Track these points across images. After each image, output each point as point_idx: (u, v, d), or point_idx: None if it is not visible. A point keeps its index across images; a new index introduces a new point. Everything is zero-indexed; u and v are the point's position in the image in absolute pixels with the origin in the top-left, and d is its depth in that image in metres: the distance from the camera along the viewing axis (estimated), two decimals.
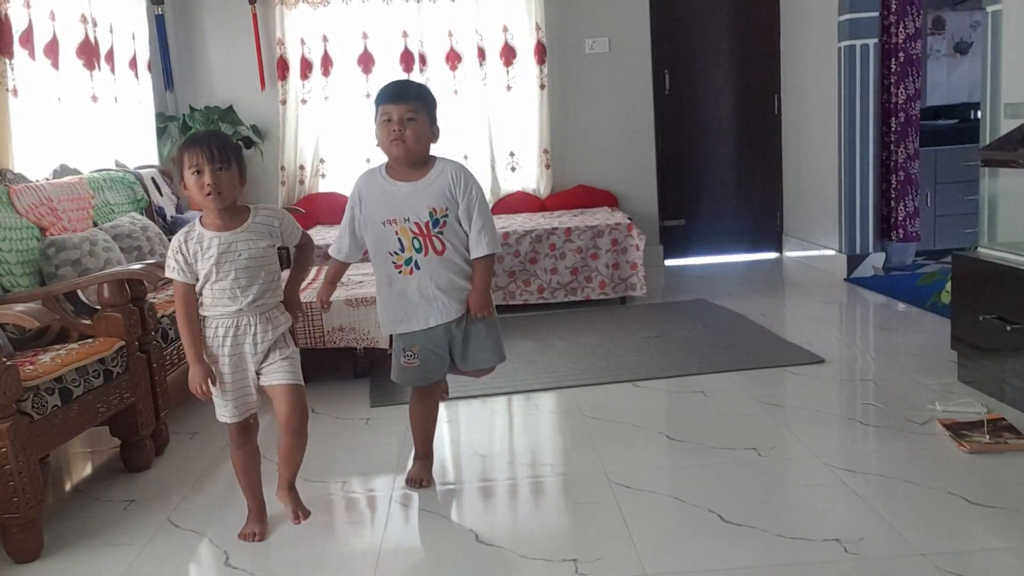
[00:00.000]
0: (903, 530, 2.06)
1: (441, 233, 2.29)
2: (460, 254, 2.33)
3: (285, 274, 2.32)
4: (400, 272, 2.32)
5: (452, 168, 2.33)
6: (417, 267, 2.30)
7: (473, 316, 2.35)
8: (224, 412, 2.18)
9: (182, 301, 2.13)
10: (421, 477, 2.52)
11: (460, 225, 2.32)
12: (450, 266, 2.31)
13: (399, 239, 2.29)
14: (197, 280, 2.11)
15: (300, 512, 2.31)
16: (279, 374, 2.18)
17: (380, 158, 2.35)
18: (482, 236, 2.32)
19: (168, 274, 2.14)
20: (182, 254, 2.09)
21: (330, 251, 2.47)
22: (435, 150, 2.35)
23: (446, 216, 2.29)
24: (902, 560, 1.93)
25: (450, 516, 2.34)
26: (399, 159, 2.28)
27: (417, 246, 2.29)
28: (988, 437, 2.53)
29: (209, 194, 2.03)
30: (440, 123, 2.33)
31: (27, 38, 3.75)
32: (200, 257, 2.09)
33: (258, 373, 2.18)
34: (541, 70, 5.51)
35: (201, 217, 2.12)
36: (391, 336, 2.45)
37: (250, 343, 2.14)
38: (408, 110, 2.23)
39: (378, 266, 2.36)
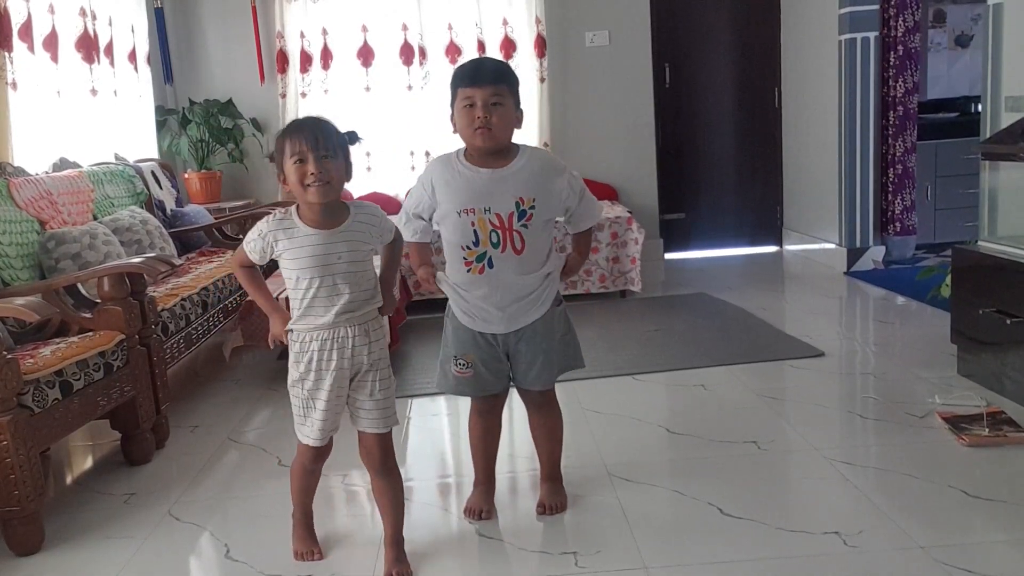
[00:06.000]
0: (902, 523, 2.06)
1: (525, 227, 2.02)
2: (538, 257, 2.07)
3: None
4: (469, 271, 2.05)
5: (543, 156, 2.13)
6: (490, 265, 2.03)
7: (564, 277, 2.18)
8: (309, 433, 1.96)
9: (243, 272, 1.99)
10: (481, 508, 2.26)
11: (546, 224, 2.08)
12: (526, 270, 2.05)
13: (475, 231, 2.02)
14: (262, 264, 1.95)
15: (396, 572, 1.98)
16: (369, 421, 1.96)
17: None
18: (590, 209, 2.15)
19: (244, 244, 1.93)
20: (264, 240, 1.87)
21: (405, 236, 2.18)
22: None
23: (533, 208, 2.02)
24: (901, 553, 1.93)
25: (450, 509, 2.35)
26: (483, 149, 2.02)
27: (495, 240, 2.02)
28: (987, 430, 2.53)
29: (310, 184, 1.79)
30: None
31: (26, 31, 3.75)
32: (286, 253, 1.85)
33: (350, 381, 1.94)
34: (541, 63, 5.50)
35: (298, 206, 1.88)
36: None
37: (348, 357, 1.89)
38: (493, 93, 1.97)
39: (449, 263, 2.11)
